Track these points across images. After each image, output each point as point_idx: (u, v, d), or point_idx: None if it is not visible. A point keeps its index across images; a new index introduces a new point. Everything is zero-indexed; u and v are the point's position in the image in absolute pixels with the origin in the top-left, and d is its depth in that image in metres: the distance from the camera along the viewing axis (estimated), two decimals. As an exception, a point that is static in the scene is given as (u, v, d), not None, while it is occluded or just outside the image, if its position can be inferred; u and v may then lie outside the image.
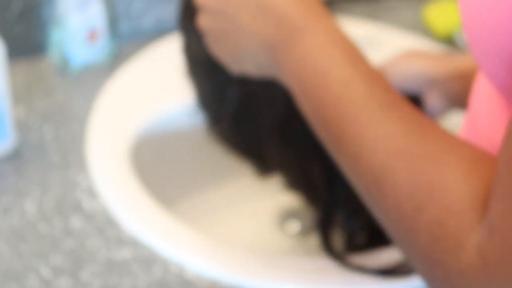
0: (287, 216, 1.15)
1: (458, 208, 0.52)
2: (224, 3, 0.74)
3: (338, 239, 0.93)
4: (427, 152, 0.56)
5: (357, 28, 1.22)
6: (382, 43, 1.20)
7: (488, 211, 0.51)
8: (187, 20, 0.86)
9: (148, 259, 0.88)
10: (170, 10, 1.18)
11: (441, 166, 0.55)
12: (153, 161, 1.08)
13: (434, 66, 0.91)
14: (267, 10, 0.71)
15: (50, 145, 1.00)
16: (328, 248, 0.89)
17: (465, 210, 0.52)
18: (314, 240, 1.06)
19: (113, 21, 1.15)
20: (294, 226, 1.14)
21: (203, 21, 0.76)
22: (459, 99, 0.90)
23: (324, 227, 0.90)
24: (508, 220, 0.49)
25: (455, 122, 1.03)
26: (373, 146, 0.59)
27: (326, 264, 0.89)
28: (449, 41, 1.22)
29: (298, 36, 0.69)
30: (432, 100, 0.92)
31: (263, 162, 0.94)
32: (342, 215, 0.90)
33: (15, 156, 0.99)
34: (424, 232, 0.54)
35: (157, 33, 1.19)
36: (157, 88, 1.09)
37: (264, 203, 1.16)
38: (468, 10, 0.54)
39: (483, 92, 0.62)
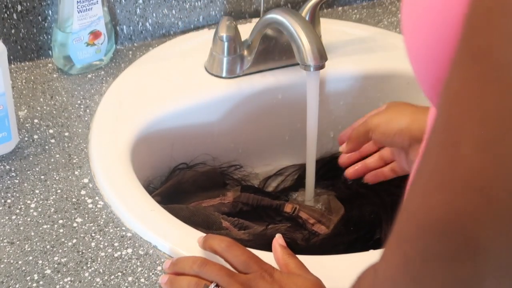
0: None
1: None
2: None
3: None
4: None
5: (356, 31, 1.23)
6: (381, 45, 1.20)
7: None
8: None
9: (151, 257, 0.88)
10: (171, 12, 1.19)
11: None
12: (155, 160, 1.09)
13: (416, 122, 0.94)
14: None
15: (53, 144, 1.01)
16: None
17: None
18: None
19: (115, 23, 1.16)
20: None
21: None
22: None
23: None
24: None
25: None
26: None
27: (326, 262, 0.89)
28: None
29: None
30: (414, 155, 0.95)
31: None
32: None
33: (19, 156, 0.99)
34: None
35: (158, 34, 1.20)
36: (158, 89, 1.10)
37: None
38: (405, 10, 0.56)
39: None
